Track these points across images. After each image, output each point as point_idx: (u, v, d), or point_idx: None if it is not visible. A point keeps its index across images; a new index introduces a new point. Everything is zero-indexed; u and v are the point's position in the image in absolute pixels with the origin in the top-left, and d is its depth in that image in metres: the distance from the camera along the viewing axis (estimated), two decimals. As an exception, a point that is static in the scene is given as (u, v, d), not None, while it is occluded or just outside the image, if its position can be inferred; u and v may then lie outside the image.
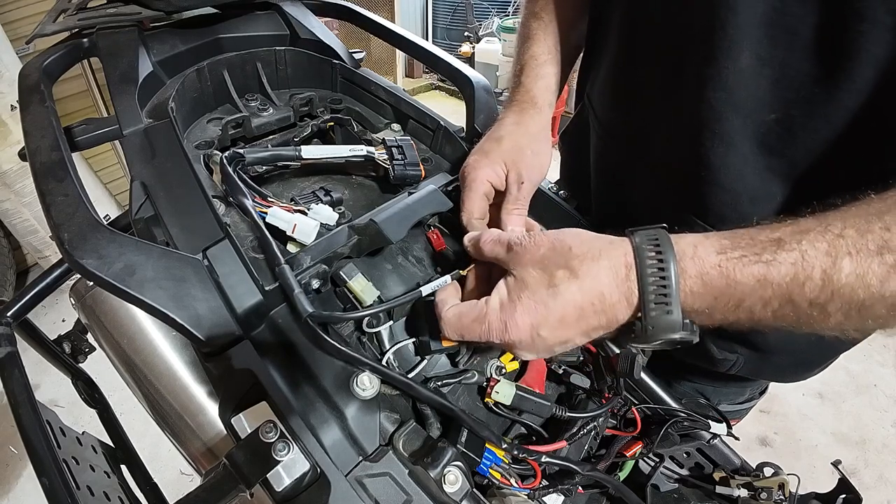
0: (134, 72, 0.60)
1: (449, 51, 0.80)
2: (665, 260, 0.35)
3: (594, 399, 0.55)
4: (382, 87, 0.71)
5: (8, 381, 0.53)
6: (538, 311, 0.37)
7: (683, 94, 0.52)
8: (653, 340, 0.36)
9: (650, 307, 0.35)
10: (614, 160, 0.68)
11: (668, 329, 0.35)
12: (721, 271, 0.34)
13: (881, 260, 0.32)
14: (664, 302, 0.34)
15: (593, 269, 0.36)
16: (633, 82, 0.61)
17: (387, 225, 0.49)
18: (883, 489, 1.81)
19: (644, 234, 0.37)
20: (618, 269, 0.36)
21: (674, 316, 0.34)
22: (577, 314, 0.37)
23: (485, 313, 0.39)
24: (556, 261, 0.38)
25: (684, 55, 0.51)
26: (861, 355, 2.28)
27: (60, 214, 0.44)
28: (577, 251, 0.37)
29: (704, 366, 0.67)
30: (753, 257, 0.34)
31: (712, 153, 0.51)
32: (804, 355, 0.64)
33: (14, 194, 2.04)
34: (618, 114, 0.66)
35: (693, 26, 0.49)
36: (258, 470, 0.37)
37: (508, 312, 0.38)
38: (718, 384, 0.75)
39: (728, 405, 0.78)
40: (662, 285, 0.34)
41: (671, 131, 0.56)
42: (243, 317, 0.43)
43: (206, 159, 0.57)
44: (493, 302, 0.40)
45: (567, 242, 0.38)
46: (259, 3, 0.76)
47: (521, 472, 0.48)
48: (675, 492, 0.58)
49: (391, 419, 0.44)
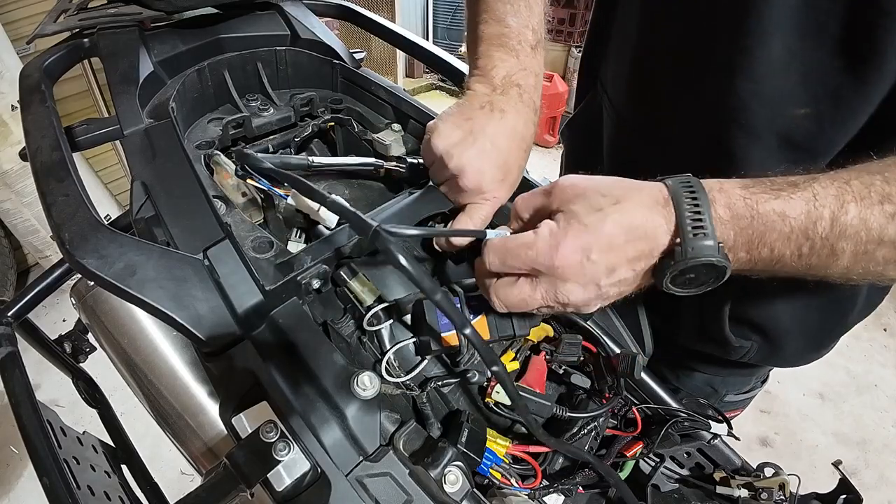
0: (135, 72, 0.60)
1: (449, 51, 0.80)
2: (696, 191, 0.38)
3: (595, 399, 0.55)
4: (383, 87, 0.71)
5: (9, 381, 0.53)
6: (588, 234, 0.38)
7: (707, 83, 0.52)
8: (692, 264, 0.37)
9: (688, 231, 0.37)
10: (630, 146, 0.67)
11: (705, 252, 0.36)
12: (746, 203, 0.38)
13: (881, 209, 0.36)
14: (700, 226, 0.37)
15: (636, 196, 0.39)
16: (653, 69, 0.60)
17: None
18: (884, 489, 1.80)
19: (674, 177, 0.40)
20: (657, 197, 0.39)
21: (709, 240, 0.37)
22: (624, 237, 0.38)
23: (533, 239, 0.40)
24: (601, 191, 0.40)
25: (713, 44, 0.50)
26: (862, 356, 2.28)
27: (61, 214, 0.44)
28: (618, 185, 0.40)
29: (719, 354, 0.69)
30: (773, 193, 0.37)
31: (735, 144, 0.51)
32: (813, 335, 0.66)
33: (15, 194, 2.04)
34: (635, 101, 0.64)
35: (722, 14, 0.48)
36: (259, 470, 0.37)
37: (559, 237, 0.39)
38: (726, 374, 0.76)
39: (734, 395, 0.79)
40: (697, 212, 0.37)
41: (692, 120, 0.56)
42: (244, 317, 0.43)
43: (207, 159, 0.57)
44: (542, 230, 0.40)
45: (606, 179, 0.41)
46: (260, 4, 0.77)
47: (522, 472, 0.48)
48: (675, 492, 0.58)
49: (392, 419, 0.44)
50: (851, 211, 0.36)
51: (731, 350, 0.67)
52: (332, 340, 0.49)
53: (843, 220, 0.36)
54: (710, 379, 0.78)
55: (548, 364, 0.55)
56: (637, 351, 0.61)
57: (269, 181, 0.50)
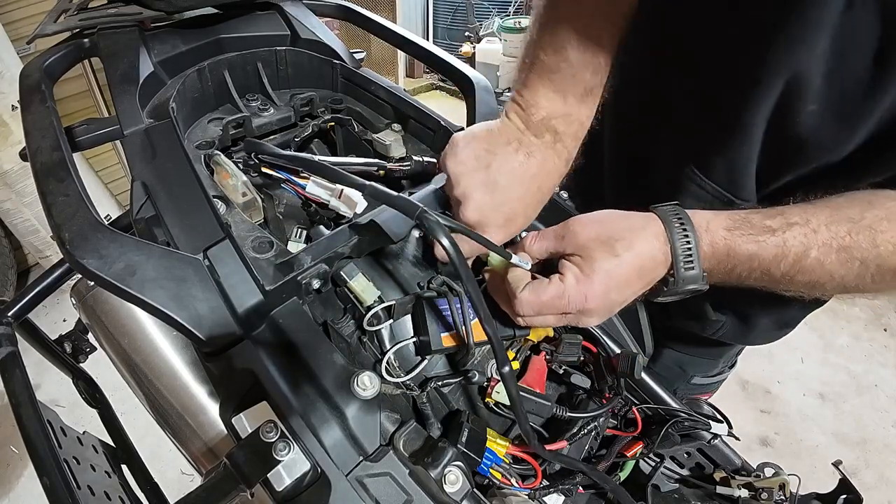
0: (135, 72, 0.60)
1: (450, 51, 0.80)
2: (688, 231, 0.45)
3: (595, 399, 0.55)
4: (383, 87, 0.71)
5: (9, 381, 0.53)
6: (610, 278, 0.45)
7: (732, 48, 0.51)
8: (680, 290, 0.46)
9: (680, 265, 0.45)
10: (633, 115, 0.66)
11: (692, 281, 0.46)
12: (726, 243, 0.46)
13: (837, 256, 0.44)
14: (690, 261, 0.45)
15: (642, 237, 0.45)
16: (671, 34, 0.57)
17: (388, 224, 0.49)
18: (884, 489, 1.80)
19: (666, 210, 0.47)
20: (658, 236, 0.46)
21: (696, 271, 0.45)
22: (637, 274, 0.46)
23: (563, 290, 0.45)
24: (612, 234, 0.45)
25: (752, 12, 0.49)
26: (862, 356, 2.28)
27: (61, 214, 0.44)
28: (625, 225, 0.46)
29: (695, 330, 0.75)
30: (750, 237, 0.45)
31: (749, 114, 0.51)
32: (781, 317, 0.73)
33: (15, 194, 2.04)
34: (642, 67, 0.60)
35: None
36: (259, 470, 0.37)
37: (586, 285, 0.45)
38: (696, 352, 0.82)
39: (701, 378, 0.86)
40: (688, 249, 0.45)
41: (699, 90, 0.56)
42: (244, 317, 0.43)
43: (207, 159, 0.57)
44: (568, 280, 0.45)
45: (613, 219, 0.47)
46: (260, 4, 0.76)
47: (522, 472, 0.48)
48: (675, 492, 0.58)
49: (392, 419, 0.44)
50: (812, 255, 0.45)
51: (709, 324, 0.73)
52: (332, 340, 0.49)
53: (803, 262, 0.45)
54: (679, 358, 0.83)
55: (548, 364, 0.55)
56: (637, 351, 0.61)
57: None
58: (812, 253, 0.45)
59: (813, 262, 0.45)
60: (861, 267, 0.45)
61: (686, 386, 0.86)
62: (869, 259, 0.44)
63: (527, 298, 0.46)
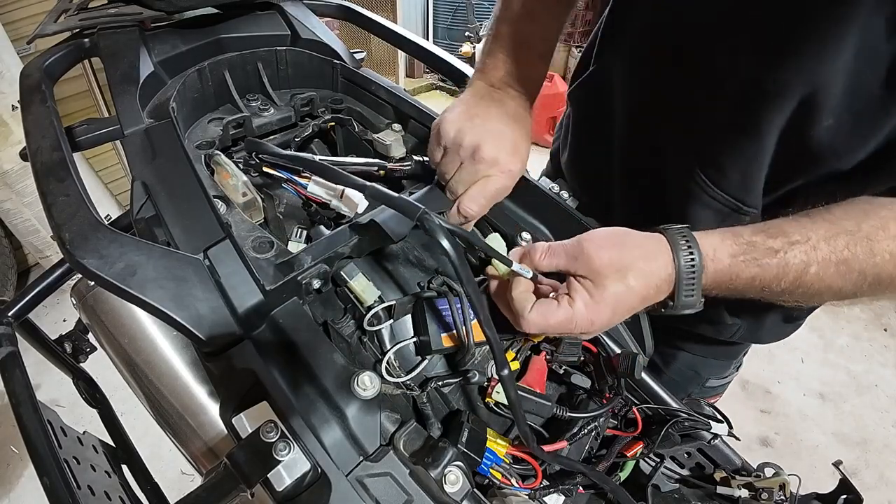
0: (135, 72, 0.60)
1: (450, 51, 0.80)
2: (695, 260, 0.46)
3: (595, 399, 0.55)
4: (383, 87, 0.71)
5: (9, 381, 0.53)
6: (618, 303, 0.46)
7: (747, 59, 0.51)
8: (676, 313, 0.48)
9: (682, 291, 0.47)
10: (643, 102, 0.66)
11: (690, 306, 0.48)
12: (729, 269, 0.47)
13: (836, 269, 0.46)
14: (692, 288, 0.47)
15: (653, 266, 0.46)
16: (684, 41, 0.58)
17: (388, 224, 0.49)
18: (884, 489, 1.80)
19: (676, 236, 0.47)
20: (667, 266, 0.47)
21: (696, 297, 0.47)
22: (641, 301, 0.47)
23: (571, 315, 0.45)
24: (627, 264, 0.46)
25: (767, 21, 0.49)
26: (862, 356, 2.28)
27: (62, 214, 0.44)
28: (639, 254, 0.47)
29: (710, 334, 0.76)
30: (753, 261, 0.46)
31: (764, 125, 0.52)
32: (790, 312, 0.75)
33: (15, 194, 2.04)
34: (659, 65, 0.62)
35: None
36: (259, 470, 0.37)
37: (595, 311, 0.45)
38: (709, 353, 0.83)
39: (715, 380, 0.87)
40: (692, 278, 0.46)
41: (719, 92, 0.55)
42: (244, 317, 0.43)
43: (208, 159, 0.57)
44: (578, 305, 0.46)
45: (628, 245, 0.47)
46: (260, 4, 0.77)
47: (522, 472, 0.48)
48: (675, 492, 0.57)
49: (392, 419, 0.44)
50: (812, 271, 0.46)
51: (725, 328, 0.74)
52: (333, 340, 0.49)
53: (803, 278, 0.46)
54: (693, 361, 0.83)
55: (548, 364, 0.55)
56: (637, 351, 0.61)
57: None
58: (812, 269, 0.46)
59: (812, 277, 0.46)
60: (859, 277, 0.46)
61: (701, 390, 0.86)
62: (867, 269, 0.46)
63: (535, 320, 0.46)
